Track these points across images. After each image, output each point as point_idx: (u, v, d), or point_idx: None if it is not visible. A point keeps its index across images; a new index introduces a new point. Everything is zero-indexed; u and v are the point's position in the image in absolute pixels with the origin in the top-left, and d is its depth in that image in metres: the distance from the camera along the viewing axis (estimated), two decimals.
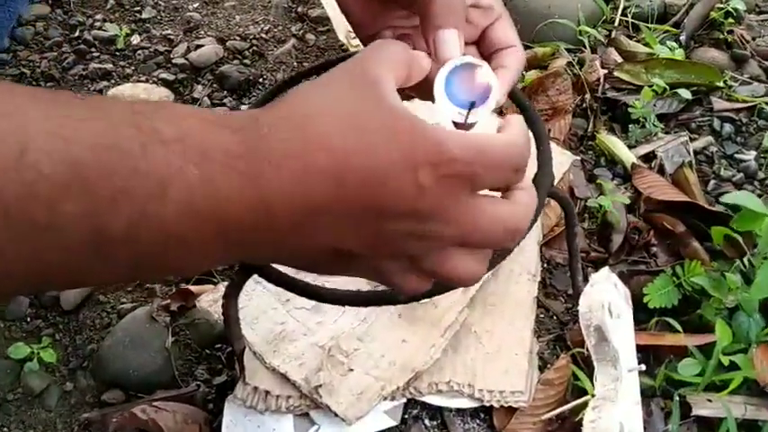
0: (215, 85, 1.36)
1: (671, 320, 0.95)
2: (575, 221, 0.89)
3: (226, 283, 0.98)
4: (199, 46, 1.42)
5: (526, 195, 0.49)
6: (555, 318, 1.03)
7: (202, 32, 1.46)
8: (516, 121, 0.51)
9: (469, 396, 0.91)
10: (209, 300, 0.98)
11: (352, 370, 0.90)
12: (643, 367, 0.90)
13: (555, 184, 1.11)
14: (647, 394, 0.94)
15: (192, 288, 1.05)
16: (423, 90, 0.54)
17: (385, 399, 0.90)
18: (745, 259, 1.01)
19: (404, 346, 0.93)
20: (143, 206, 0.39)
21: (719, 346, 0.90)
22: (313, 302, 0.96)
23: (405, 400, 0.92)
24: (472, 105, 0.51)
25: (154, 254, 0.42)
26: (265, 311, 0.95)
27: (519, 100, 0.90)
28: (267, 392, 0.88)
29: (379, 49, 0.49)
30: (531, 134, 0.85)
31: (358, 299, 0.75)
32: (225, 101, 1.34)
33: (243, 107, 1.33)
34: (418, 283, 0.51)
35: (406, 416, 0.93)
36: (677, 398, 0.91)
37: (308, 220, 0.43)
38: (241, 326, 0.92)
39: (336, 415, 0.86)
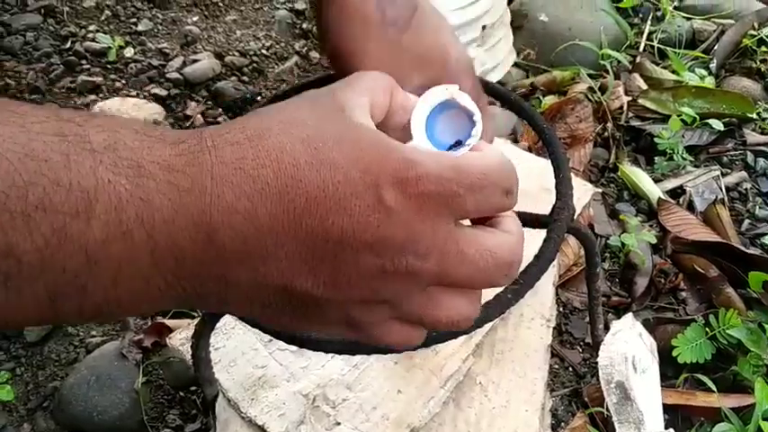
0: (209, 102, 1.27)
1: (703, 378, 0.84)
2: (597, 260, 0.79)
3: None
4: (195, 61, 1.33)
5: (515, 223, 0.42)
6: (571, 369, 0.92)
7: (200, 47, 1.38)
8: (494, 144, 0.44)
9: None
10: (182, 338, 0.87)
11: (339, 424, 0.79)
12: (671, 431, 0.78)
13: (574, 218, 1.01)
14: None
15: (169, 322, 0.95)
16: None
17: None
18: None
19: (399, 397, 0.82)
20: (63, 224, 0.33)
21: (759, 409, 0.78)
22: None
23: None
24: (457, 143, 0.43)
25: (76, 286, 0.35)
26: (244, 353, 0.85)
27: (535, 122, 0.81)
28: None
29: (354, 77, 0.43)
30: (549, 160, 0.77)
31: (345, 345, 0.64)
32: (219, 119, 1.25)
33: None
34: (404, 334, 0.42)
35: None
36: None
37: (256, 248, 0.36)
38: (214, 369, 0.82)
39: None
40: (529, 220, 0.81)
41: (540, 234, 0.70)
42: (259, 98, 1.28)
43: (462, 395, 0.85)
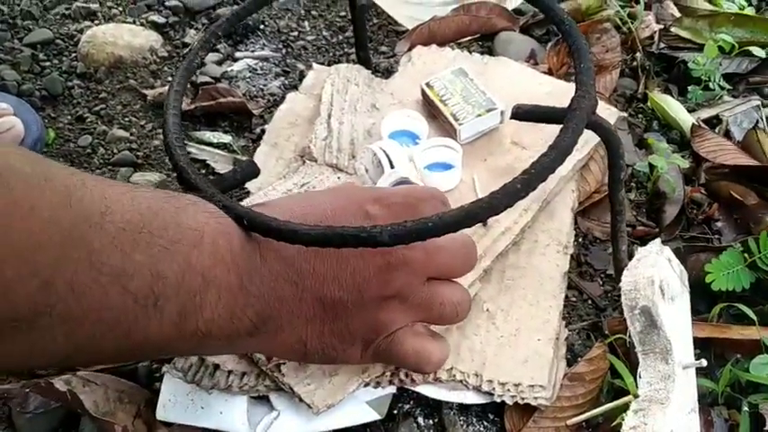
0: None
1: (742, 307, 0.74)
2: (621, 163, 0.69)
3: None
4: None
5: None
6: (590, 302, 0.83)
7: None
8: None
9: (476, 389, 0.72)
10: None
11: None
12: (704, 363, 0.69)
13: (597, 140, 0.91)
14: (706, 400, 0.73)
15: None
16: None
17: (366, 386, 0.70)
18: None
19: None
20: (187, 255, 0.48)
21: None
22: None
23: (394, 389, 0.72)
24: None
25: (194, 305, 0.49)
26: None
27: (554, 12, 0.72)
28: (216, 366, 0.69)
29: None
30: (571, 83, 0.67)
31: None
32: (219, 47, 1.17)
33: (237, 53, 1.15)
34: (419, 342, 0.65)
35: (395, 411, 0.73)
36: (746, 407, 0.70)
37: (293, 267, 0.57)
38: None
39: (302, 400, 0.67)
40: (546, 115, 0.72)
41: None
42: (261, 26, 1.20)
43: (468, 322, 0.76)
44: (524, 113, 0.73)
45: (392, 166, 0.81)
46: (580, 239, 0.88)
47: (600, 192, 0.90)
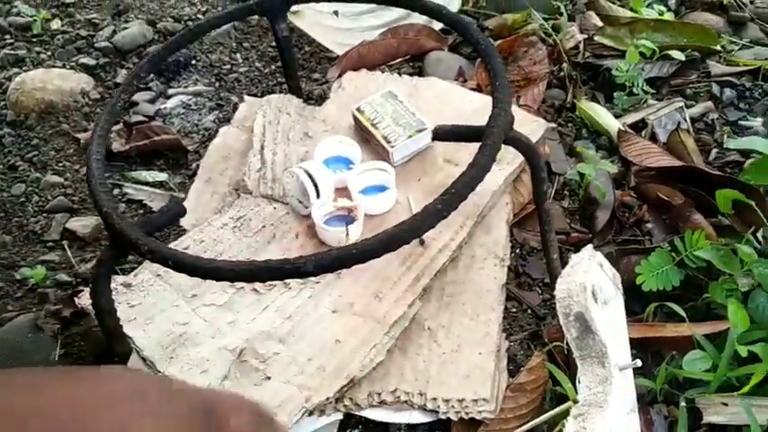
0: None
1: (672, 305, 0.76)
2: (543, 176, 0.71)
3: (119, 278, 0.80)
4: (126, 29, 1.25)
5: None
6: (530, 312, 0.84)
7: (132, 16, 1.30)
8: None
9: (421, 407, 0.72)
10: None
11: (269, 378, 0.71)
12: (639, 363, 0.70)
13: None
14: (645, 399, 0.75)
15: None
16: None
17: (311, 413, 0.70)
18: (759, 235, 0.82)
19: (337, 347, 0.74)
20: None
21: (734, 333, 0.71)
22: (225, 298, 0.78)
23: (340, 416, 0.73)
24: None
25: None
26: (164, 310, 0.76)
27: (470, 33, 0.73)
28: None
29: None
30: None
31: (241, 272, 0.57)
32: (151, 85, 1.16)
33: (170, 90, 1.15)
34: None
35: None
36: (684, 402, 0.72)
37: None
38: (129, 327, 0.74)
39: None
40: (465, 134, 0.74)
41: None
42: (194, 62, 1.20)
43: (409, 342, 0.77)
44: (444, 134, 0.74)
45: (318, 193, 0.82)
46: (517, 250, 0.90)
47: (533, 202, 0.92)
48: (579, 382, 0.71)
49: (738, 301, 0.73)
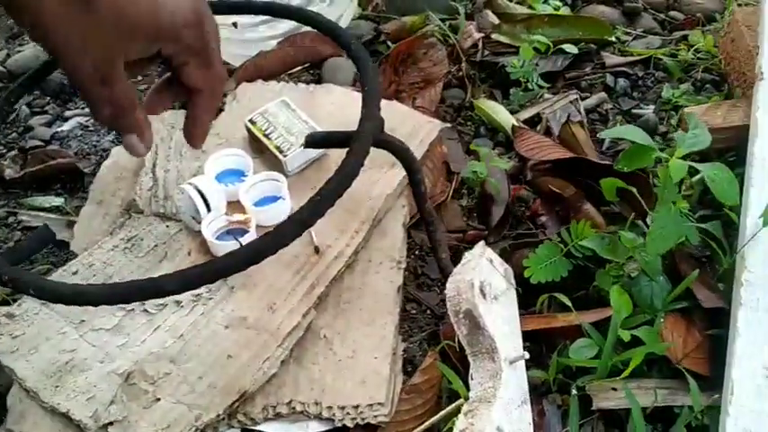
0: (36, 92, 1.17)
1: (560, 296, 0.78)
2: (419, 177, 0.72)
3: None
4: (20, 52, 1.22)
5: None
6: (429, 312, 0.84)
7: (26, 39, 1.27)
8: None
9: (317, 417, 0.72)
10: None
11: (158, 399, 0.70)
12: (526, 355, 0.71)
13: (422, 154, 0.94)
14: (540, 390, 0.76)
15: None
16: None
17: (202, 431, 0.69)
18: (649, 220, 0.84)
19: (229, 362, 0.73)
20: None
21: (617, 318, 0.72)
22: (114, 321, 0.77)
23: (237, 431, 0.72)
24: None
25: None
26: (49, 338, 0.75)
27: (340, 37, 0.73)
28: None
29: None
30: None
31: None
32: (47, 108, 1.14)
33: (67, 113, 1.13)
34: None
35: None
36: (575, 391, 0.73)
37: None
38: (11, 358, 0.72)
39: None
40: (336, 140, 0.74)
41: None
42: None
43: (305, 352, 0.76)
44: (315, 142, 0.74)
45: (209, 208, 0.81)
46: (416, 252, 0.90)
47: (432, 201, 0.92)
48: (472, 378, 0.72)
49: (622, 288, 0.75)
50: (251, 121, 0.94)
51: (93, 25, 0.49)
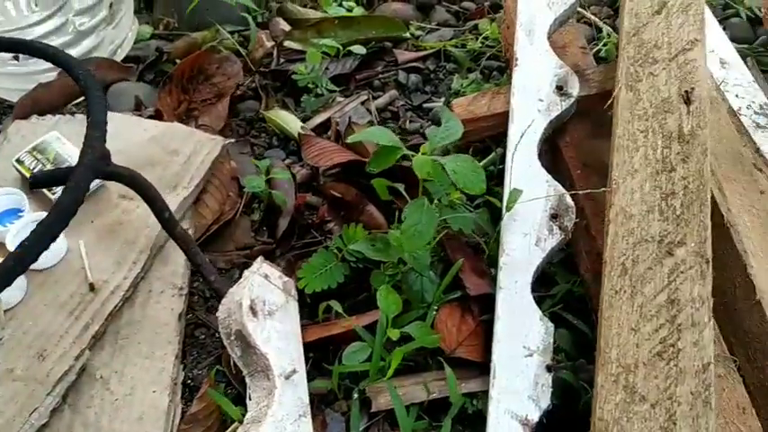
0: None
1: (333, 302, 0.78)
2: (159, 206, 0.70)
3: None
4: None
5: None
6: (217, 336, 0.83)
7: None
8: None
9: None
10: None
11: None
12: (298, 369, 0.71)
13: (204, 172, 0.92)
14: (328, 399, 0.76)
15: None
16: None
17: None
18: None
19: None
20: None
21: (384, 318, 0.73)
22: None
23: None
24: None
25: None
26: None
27: (71, 69, 0.71)
28: None
29: None
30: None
31: None
32: None
33: None
34: None
35: None
36: (357, 395, 0.73)
37: None
38: None
39: None
40: (58, 177, 0.71)
41: None
42: None
43: (80, 396, 0.74)
44: (39, 181, 0.71)
45: None
46: None
47: (219, 221, 0.91)
48: (250, 399, 0.71)
49: (392, 287, 0.76)
50: (18, 160, 0.89)
51: None
